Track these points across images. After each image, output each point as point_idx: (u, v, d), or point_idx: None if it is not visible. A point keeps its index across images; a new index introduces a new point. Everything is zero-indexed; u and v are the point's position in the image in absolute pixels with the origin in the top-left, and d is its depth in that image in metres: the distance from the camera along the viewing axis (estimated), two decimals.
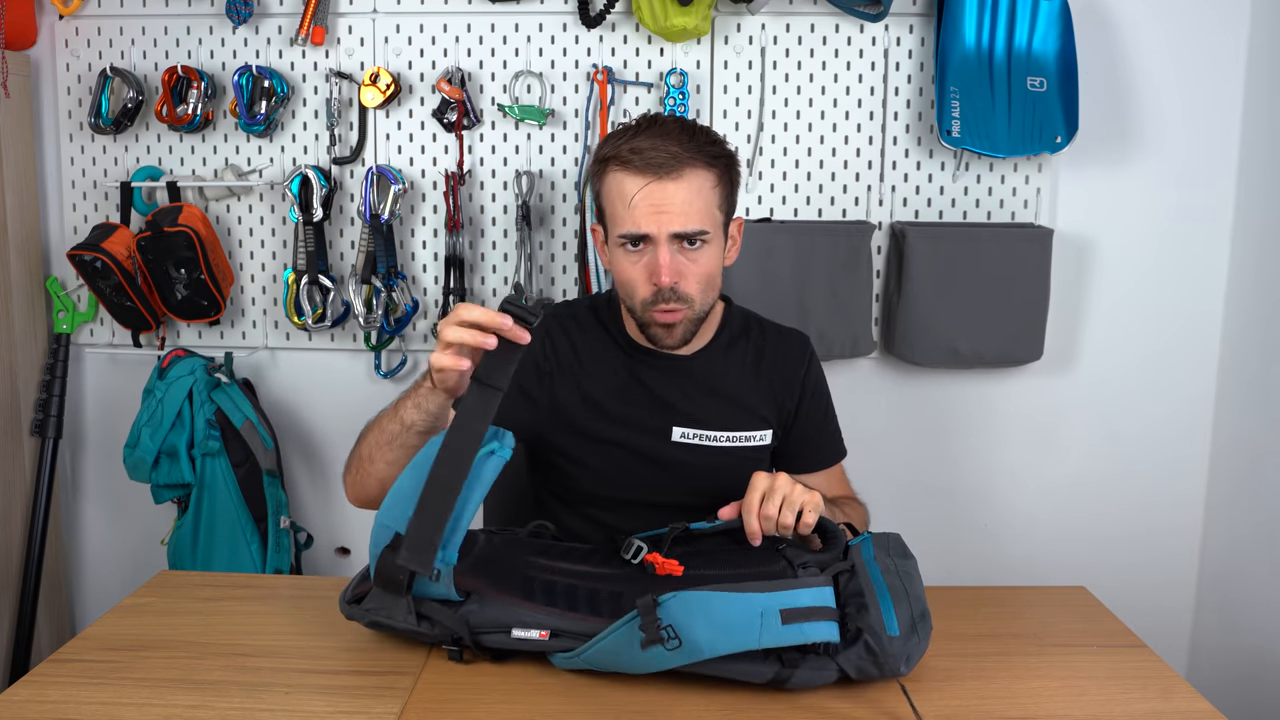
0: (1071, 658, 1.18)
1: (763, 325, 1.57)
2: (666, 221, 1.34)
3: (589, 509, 1.52)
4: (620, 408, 1.48)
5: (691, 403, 1.48)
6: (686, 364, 1.50)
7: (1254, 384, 2.01)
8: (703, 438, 1.48)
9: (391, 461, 1.26)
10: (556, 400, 1.48)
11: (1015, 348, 2.01)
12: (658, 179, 1.34)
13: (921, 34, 2.01)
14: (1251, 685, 1.96)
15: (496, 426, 1.10)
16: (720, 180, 1.39)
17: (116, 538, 2.25)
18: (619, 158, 1.37)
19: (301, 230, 2.02)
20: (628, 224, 1.36)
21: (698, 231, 1.36)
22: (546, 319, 1.53)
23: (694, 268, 1.38)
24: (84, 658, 1.17)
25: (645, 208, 1.34)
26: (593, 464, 1.50)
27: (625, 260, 1.40)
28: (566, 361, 1.50)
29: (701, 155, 1.36)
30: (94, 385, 2.21)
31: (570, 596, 1.14)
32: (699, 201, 1.36)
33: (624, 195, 1.36)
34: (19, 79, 2.04)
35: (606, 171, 1.39)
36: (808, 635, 1.04)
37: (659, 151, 1.34)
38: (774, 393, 1.53)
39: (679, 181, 1.34)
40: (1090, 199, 2.06)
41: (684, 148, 1.35)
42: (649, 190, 1.34)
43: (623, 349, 1.51)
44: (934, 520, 2.16)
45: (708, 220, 1.37)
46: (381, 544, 1.11)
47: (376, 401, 2.17)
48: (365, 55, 2.04)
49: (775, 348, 1.54)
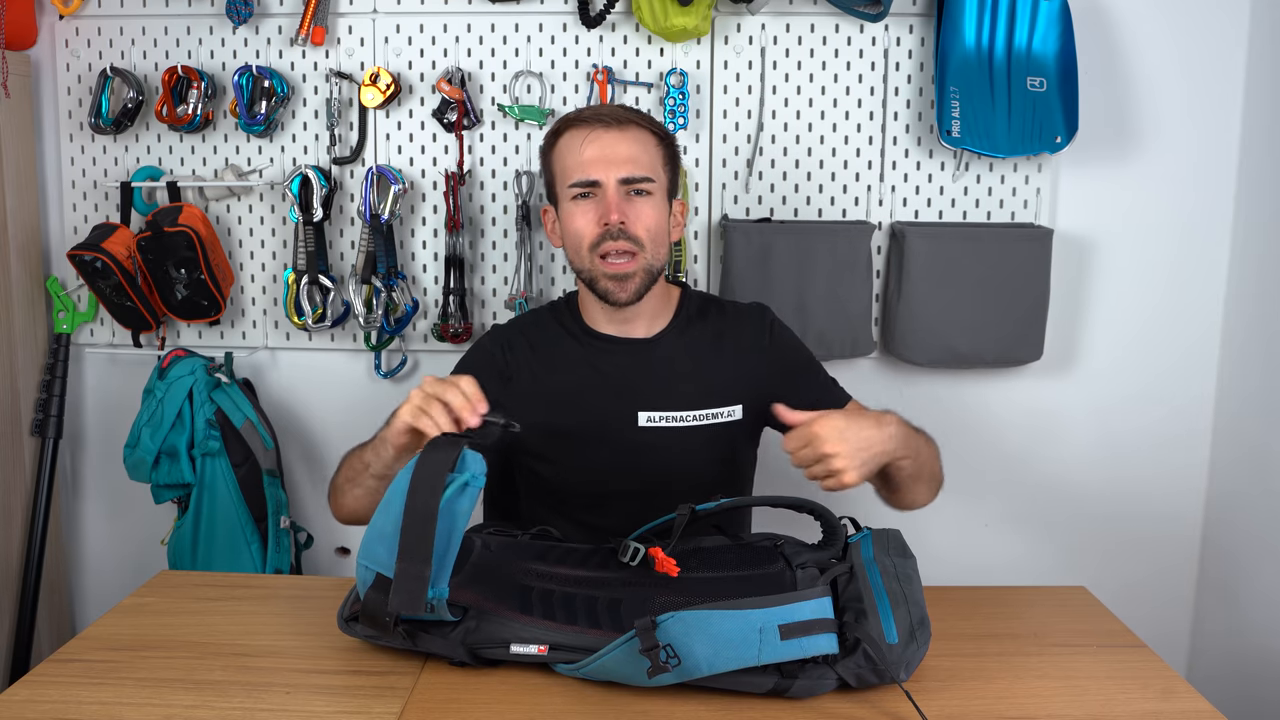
0: (1071, 658, 1.18)
1: (721, 304, 1.61)
2: (614, 169, 1.44)
3: (571, 509, 1.52)
4: (583, 399, 1.50)
5: (654, 386, 1.50)
6: (646, 347, 1.52)
7: (1254, 384, 2.01)
8: (670, 419, 1.49)
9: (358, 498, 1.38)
10: (521, 403, 1.49)
11: (1015, 348, 2.00)
12: (605, 127, 1.45)
13: (921, 34, 2.01)
14: (1251, 685, 1.96)
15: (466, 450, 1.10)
16: (661, 145, 1.50)
17: (116, 538, 2.25)
18: (568, 121, 1.49)
19: (301, 230, 2.02)
20: (576, 172, 1.45)
21: (644, 178, 1.45)
22: (507, 328, 1.62)
23: (641, 214, 1.45)
24: (84, 658, 1.17)
25: (593, 154, 1.44)
26: (564, 460, 1.51)
27: (575, 211, 1.47)
28: (525, 361, 1.54)
29: (644, 121, 1.49)
30: (94, 385, 2.21)
31: (568, 608, 1.13)
32: (645, 154, 1.46)
33: (573, 148, 1.46)
34: (19, 79, 2.04)
35: (557, 140, 1.50)
36: (807, 650, 1.04)
37: (605, 109, 1.49)
38: (740, 367, 1.53)
39: (625, 133, 1.46)
40: (1090, 199, 2.06)
41: (628, 111, 1.50)
42: (596, 136, 1.45)
43: (582, 343, 1.54)
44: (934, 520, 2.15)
45: (652, 171, 1.47)
46: (366, 583, 1.10)
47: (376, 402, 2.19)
48: (365, 55, 2.04)
49: (734, 323, 1.57)
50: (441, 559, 1.06)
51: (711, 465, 1.52)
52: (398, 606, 1.05)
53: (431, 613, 1.08)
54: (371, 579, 1.09)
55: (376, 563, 1.08)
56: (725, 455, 1.54)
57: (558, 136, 1.50)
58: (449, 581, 1.08)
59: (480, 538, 1.26)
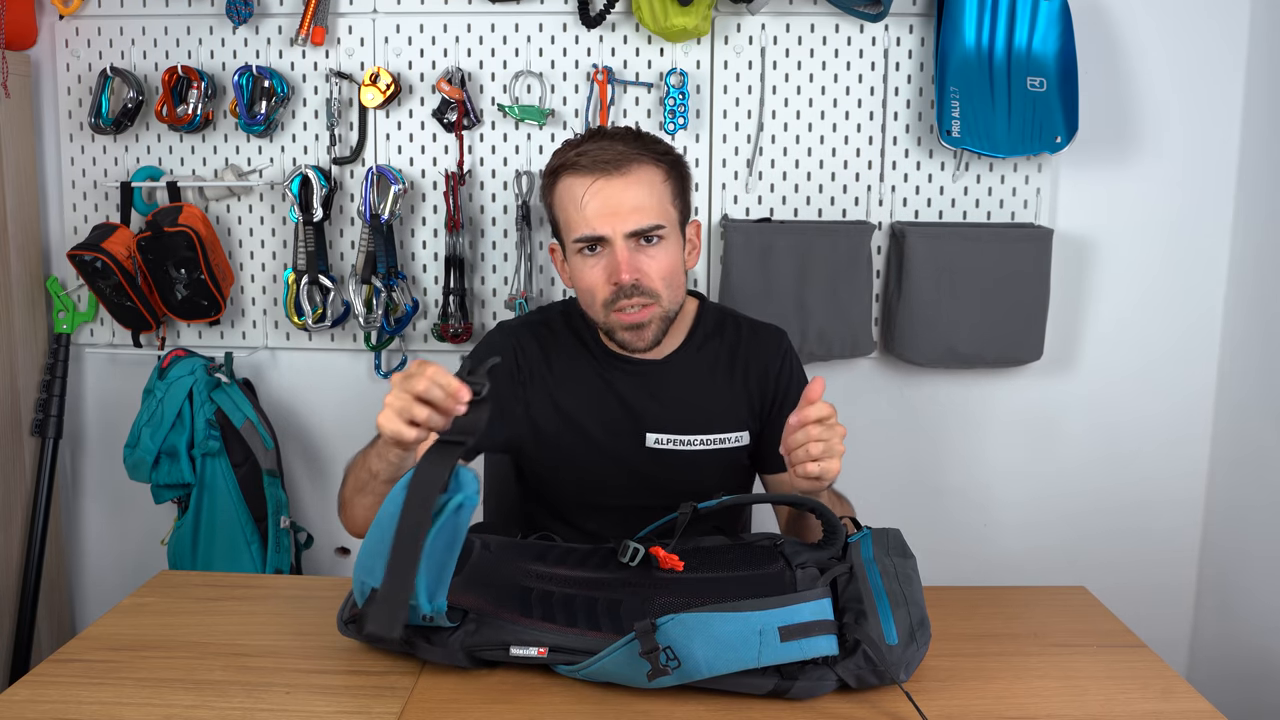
0: (1071, 658, 1.18)
1: (738, 321, 1.55)
2: (620, 221, 1.34)
3: (573, 516, 1.52)
4: (593, 417, 1.47)
5: (664, 408, 1.47)
6: (659, 368, 1.48)
7: (1254, 384, 2.01)
8: (677, 442, 1.47)
9: (369, 507, 1.28)
10: (530, 411, 1.47)
11: (1015, 348, 2.00)
12: (605, 175, 1.34)
13: (921, 34, 2.01)
14: (1251, 685, 1.96)
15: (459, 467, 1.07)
16: (669, 176, 1.40)
17: (116, 538, 2.25)
18: (566, 164, 1.37)
19: (301, 230, 2.02)
20: (581, 227, 1.36)
21: (653, 227, 1.36)
22: (519, 327, 1.54)
23: (653, 264, 1.37)
24: (84, 658, 1.17)
25: (596, 207, 1.35)
26: (569, 474, 1.49)
27: (584, 266, 1.38)
28: (539, 371, 1.49)
29: (647, 153, 1.38)
30: (94, 385, 2.21)
31: (568, 609, 1.13)
32: (651, 198, 1.36)
33: (574, 198, 1.36)
34: (19, 79, 2.04)
35: (556, 183, 1.39)
36: (807, 652, 1.04)
37: (605, 151, 1.35)
38: (749, 391, 1.51)
39: (627, 178, 1.35)
40: (1090, 199, 2.06)
41: (629, 146, 1.37)
42: (598, 188, 1.35)
43: (595, 357, 1.49)
44: (934, 520, 2.16)
45: (662, 216, 1.37)
46: (363, 595, 1.09)
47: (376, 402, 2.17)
48: (365, 55, 2.04)
49: (749, 344, 1.52)
50: (440, 575, 1.06)
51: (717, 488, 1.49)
52: (375, 628, 1.01)
53: (430, 623, 1.08)
54: (368, 591, 1.08)
55: (369, 575, 1.07)
56: (731, 478, 1.53)
57: (555, 178, 1.40)
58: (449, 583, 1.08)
59: (480, 538, 1.26)
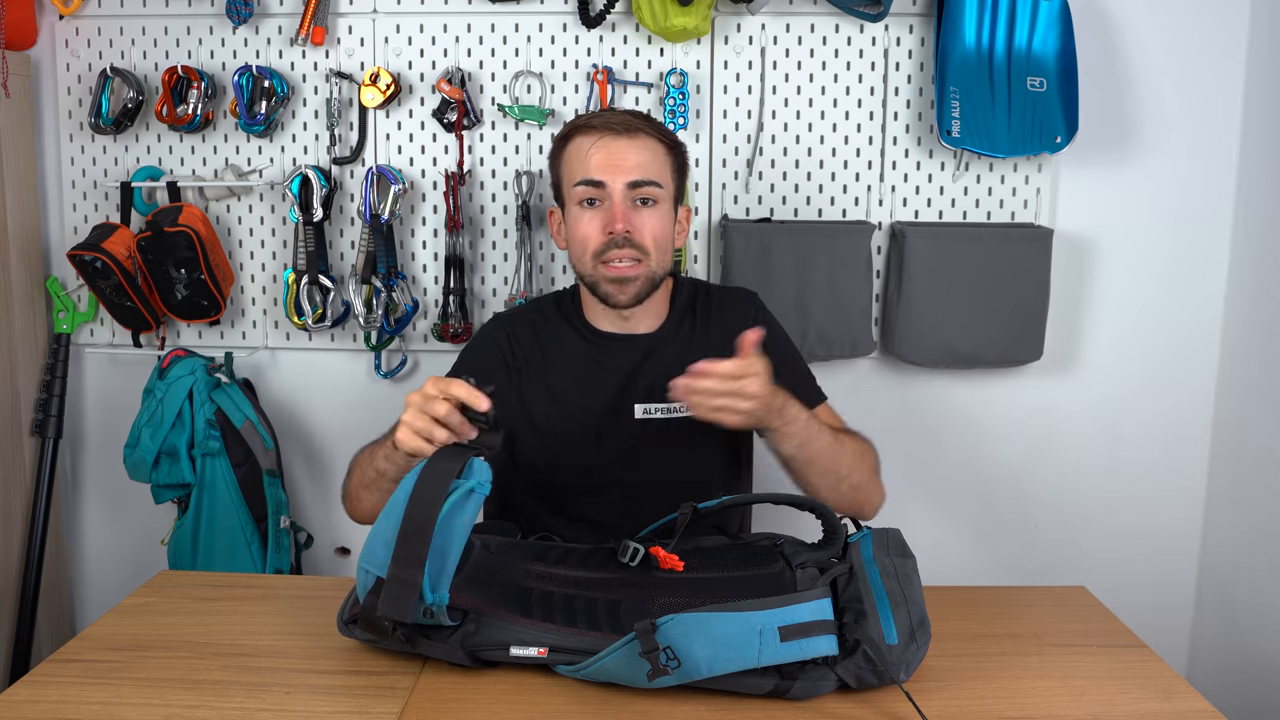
0: (1071, 658, 1.18)
1: (708, 290, 1.63)
2: (621, 174, 1.44)
3: (569, 504, 1.53)
4: (582, 393, 1.52)
5: (650, 378, 1.51)
6: (644, 342, 1.54)
7: (1254, 384, 2.01)
8: (665, 410, 1.51)
9: (376, 502, 1.35)
10: (523, 396, 1.53)
11: (1015, 348, 2.00)
12: (614, 134, 1.46)
13: (921, 34, 2.01)
14: (1251, 685, 1.96)
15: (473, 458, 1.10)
16: (670, 153, 1.50)
17: (116, 538, 2.25)
18: (578, 126, 1.49)
19: (301, 230, 2.02)
20: (583, 173, 1.45)
21: (650, 182, 1.45)
22: (512, 317, 1.62)
23: (647, 224, 1.46)
24: (84, 658, 1.17)
25: (601, 159, 1.45)
26: (564, 456, 1.52)
27: (580, 218, 1.47)
28: (533, 356, 1.55)
29: (653, 128, 1.49)
30: (94, 385, 2.21)
31: (568, 609, 1.13)
32: (654, 163, 1.47)
33: (581, 152, 1.47)
34: (19, 79, 2.04)
35: (566, 144, 1.50)
36: (806, 652, 1.04)
37: (616, 116, 1.48)
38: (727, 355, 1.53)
39: (633, 140, 1.46)
40: (1090, 199, 2.06)
41: (637, 119, 1.49)
42: (605, 143, 1.46)
43: (584, 337, 1.56)
44: (934, 520, 2.16)
45: (660, 178, 1.47)
46: (366, 587, 1.10)
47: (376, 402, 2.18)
48: (365, 55, 2.04)
49: (720, 310, 1.59)
50: (442, 565, 1.06)
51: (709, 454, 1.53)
52: (386, 611, 1.05)
53: (431, 618, 1.08)
54: (371, 582, 1.09)
55: (377, 566, 1.08)
56: (723, 445, 1.56)
57: (566, 140, 1.50)
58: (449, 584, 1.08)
59: (480, 539, 1.26)
